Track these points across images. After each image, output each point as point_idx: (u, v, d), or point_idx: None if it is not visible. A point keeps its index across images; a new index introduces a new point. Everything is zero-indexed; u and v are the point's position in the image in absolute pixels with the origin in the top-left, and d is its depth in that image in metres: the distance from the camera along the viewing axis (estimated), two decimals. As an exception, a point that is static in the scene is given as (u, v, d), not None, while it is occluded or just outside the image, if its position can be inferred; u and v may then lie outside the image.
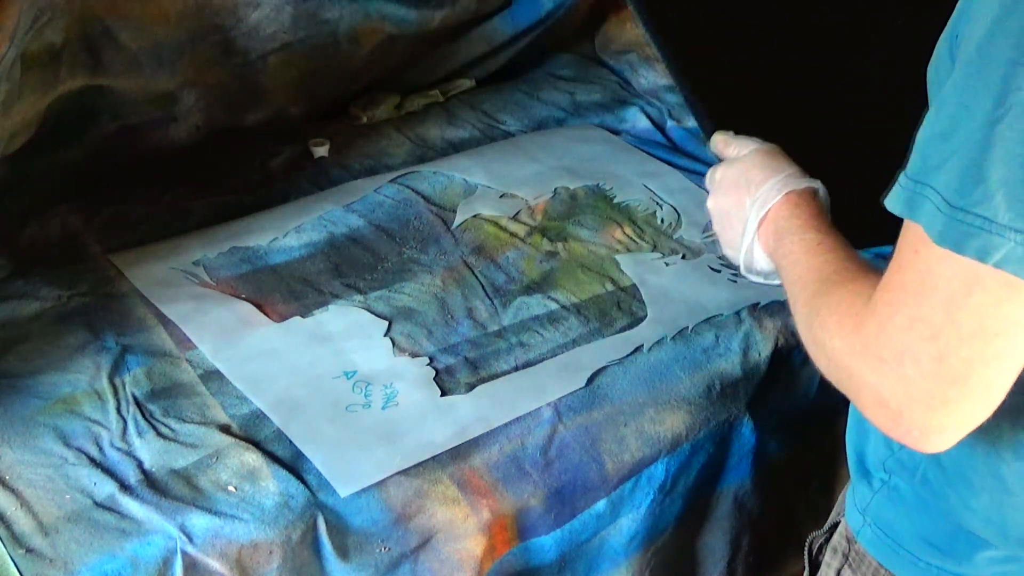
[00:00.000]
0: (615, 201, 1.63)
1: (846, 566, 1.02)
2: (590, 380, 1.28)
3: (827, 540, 1.06)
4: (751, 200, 1.00)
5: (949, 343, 0.71)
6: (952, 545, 0.94)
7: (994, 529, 0.91)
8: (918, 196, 0.71)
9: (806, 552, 1.09)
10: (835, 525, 1.05)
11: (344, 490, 1.11)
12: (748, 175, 1.02)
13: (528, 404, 1.24)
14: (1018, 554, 0.92)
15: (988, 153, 0.68)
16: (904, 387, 0.73)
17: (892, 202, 0.73)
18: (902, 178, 0.73)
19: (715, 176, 1.07)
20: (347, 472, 1.13)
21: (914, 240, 0.72)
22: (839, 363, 0.78)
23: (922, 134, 0.72)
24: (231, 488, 1.09)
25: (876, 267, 0.84)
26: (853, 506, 1.01)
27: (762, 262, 1.00)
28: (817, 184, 0.99)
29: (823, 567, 1.05)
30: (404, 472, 1.14)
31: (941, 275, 0.70)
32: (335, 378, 1.25)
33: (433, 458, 1.16)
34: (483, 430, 1.20)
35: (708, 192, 1.08)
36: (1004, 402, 0.78)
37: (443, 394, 1.25)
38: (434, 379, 1.27)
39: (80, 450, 1.12)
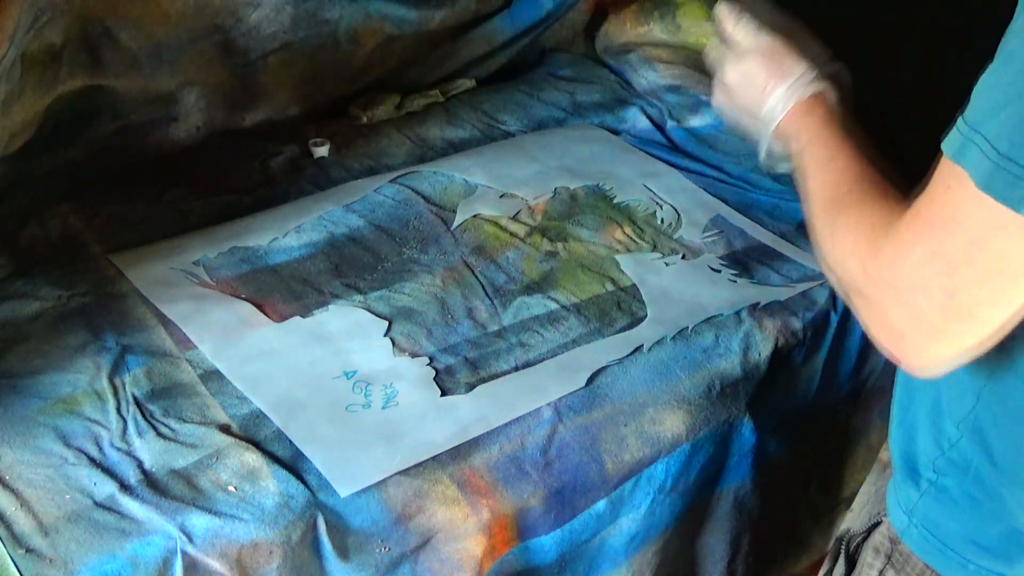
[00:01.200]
0: (615, 201, 1.63)
1: (888, 566, 1.01)
2: (590, 380, 1.28)
3: (865, 539, 1.05)
4: (760, 115, 1.02)
5: (964, 280, 0.74)
6: (1003, 546, 0.93)
7: None
8: (968, 140, 0.73)
9: (844, 550, 1.08)
10: (875, 525, 1.04)
11: (344, 490, 1.11)
12: (754, 79, 1.03)
13: (528, 404, 1.24)
14: None
15: None
16: (912, 315, 0.76)
17: (947, 144, 0.75)
18: (960, 122, 0.74)
19: (723, 77, 1.07)
20: (347, 472, 1.13)
21: (949, 177, 0.74)
22: (850, 283, 0.82)
23: (982, 81, 0.74)
24: (231, 488, 1.09)
25: (887, 183, 0.87)
26: (898, 506, 1.00)
27: (783, 166, 1.03)
28: (823, 86, 0.99)
29: (864, 568, 1.04)
30: (404, 472, 1.14)
31: (970, 215, 0.72)
32: (335, 378, 1.25)
33: (433, 458, 1.16)
34: (483, 430, 1.20)
35: (713, 79, 1.09)
36: None
37: (443, 394, 1.25)
38: (434, 379, 1.27)
39: (80, 450, 1.12)
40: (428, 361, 1.29)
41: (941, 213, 0.75)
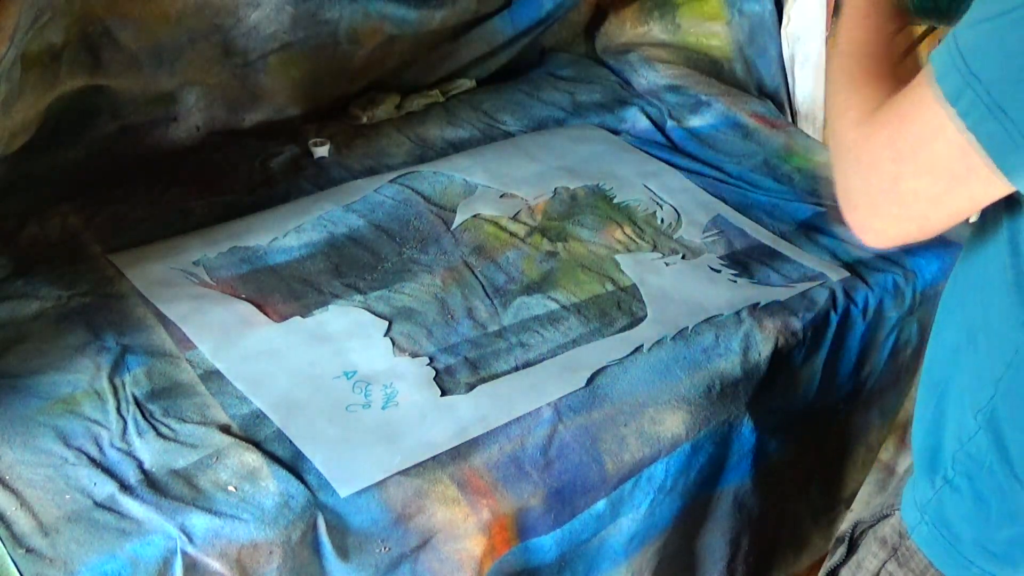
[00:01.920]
0: (615, 201, 1.63)
1: (892, 559, 1.01)
2: (590, 380, 1.28)
3: (871, 527, 1.05)
4: None
5: (906, 171, 0.82)
6: (1009, 552, 0.93)
7: None
8: (945, 45, 0.78)
9: (849, 535, 1.08)
10: (885, 516, 1.04)
11: (344, 490, 1.11)
12: None
13: (528, 404, 1.24)
14: None
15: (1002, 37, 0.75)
16: (865, 190, 0.85)
17: (934, 54, 0.80)
18: (950, 35, 0.79)
19: None
20: (347, 472, 1.13)
21: (925, 78, 0.80)
22: (835, 149, 0.90)
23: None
24: (231, 488, 1.09)
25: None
26: (912, 502, 1.00)
27: None
28: None
29: (868, 556, 1.04)
30: (404, 472, 1.14)
31: (923, 113, 0.79)
32: (335, 378, 1.25)
33: (433, 458, 1.16)
34: (483, 430, 1.20)
35: None
36: None
37: (443, 394, 1.25)
38: (434, 379, 1.27)
39: (80, 450, 1.12)
40: (428, 361, 1.29)
41: (905, 105, 0.82)
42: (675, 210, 1.62)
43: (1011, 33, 0.75)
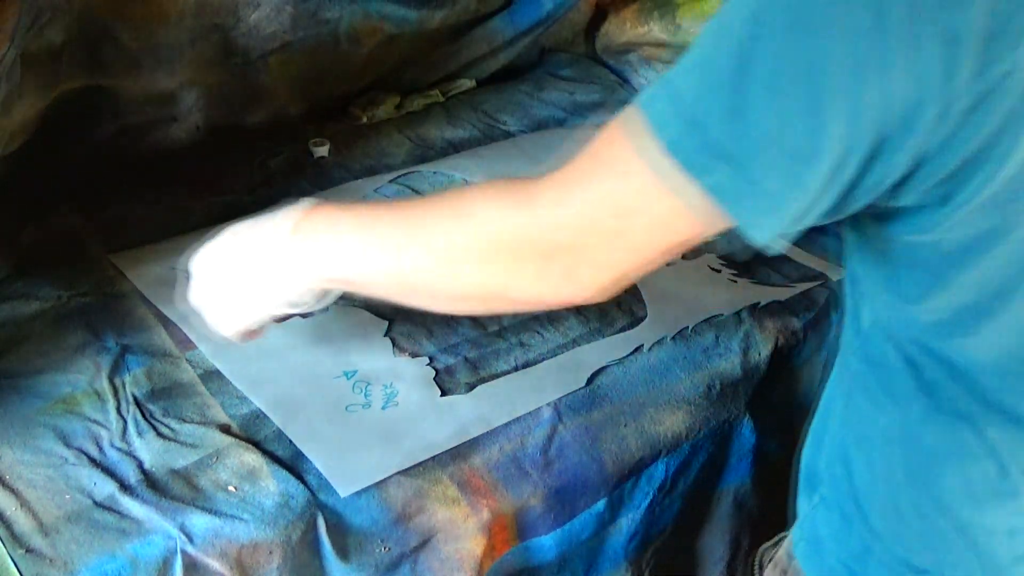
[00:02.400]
0: (615, 201, 1.62)
1: None
2: (590, 380, 1.28)
3: (771, 550, 1.07)
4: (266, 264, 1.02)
5: (633, 225, 0.78)
6: (863, 568, 0.94)
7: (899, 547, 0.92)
8: (661, 92, 0.75)
9: (756, 562, 1.10)
10: (782, 538, 1.05)
11: (344, 490, 1.11)
12: (233, 250, 1.06)
13: (528, 404, 1.24)
14: None
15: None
16: (578, 248, 0.80)
17: (645, 100, 0.77)
18: (662, 81, 0.76)
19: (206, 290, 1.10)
20: (347, 472, 1.13)
21: (636, 126, 0.76)
22: (498, 246, 0.84)
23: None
24: (231, 488, 1.09)
25: None
26: (796, 519, 1.02)
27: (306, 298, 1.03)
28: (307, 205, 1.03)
29: None
30: (404, 472, 1.14)
31: (654, 169, 0.74)
32: (335, 378, 1.25)
33: (433, 458, 1.16)
34: (483, 430, 1.20)
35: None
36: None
37: (443, 394, 1.25)
38: (434, 379, 1.27)
39: (80, 450, 1.12)
40: (428, 361, 1.29)
41: (620, 158, 0.77)
42: (675, 210, 1.61)
43: (739, 69, 0.71)
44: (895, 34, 0.67)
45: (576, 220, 0.80)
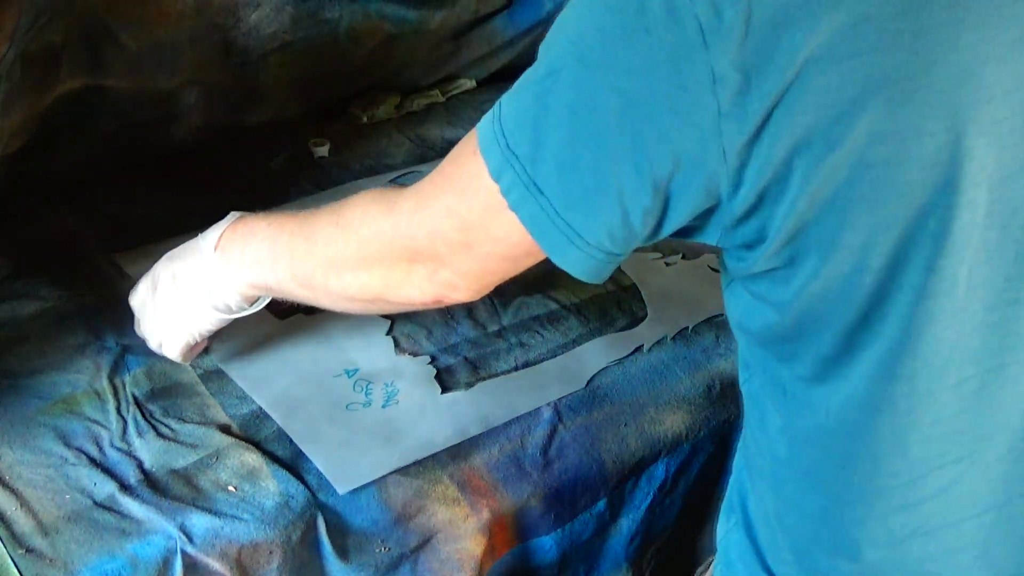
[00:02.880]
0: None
1: None
2: (590, 380, 1.28)
3: (705, 569, 1.09)
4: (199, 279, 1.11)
5: (477, 240, 0.83)
6: None
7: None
8: (491, 119, 0.80)
9: None
10: (711, 562, 1.07)
11: (342, 487, 1.11)
12: (160, 276, 1.16)
13: (528, 404, 1.24)
14: None
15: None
16: (432, 255, 0.87)
17: (481, 124, 0.81)
18: (497, 103, 0.80)
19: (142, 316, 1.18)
20: (346, 471, 1.13)
21: (473, 147, 0.80)
22: (368, 250, 0.91)
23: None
24: (231, 488, 1.09)
25: None
26: (716, 541, 1.04)
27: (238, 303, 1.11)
28: (227, 224, 1.11)
29: None
30: (404, 472, 1.14)
31: (485, 192, 0.79)
32: (336, 376, 1.25)
33: (433, 458, 1.16)
34: (482, 429, 1.20)
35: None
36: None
37: (443, 392, 1.25)
38: (435, 378, 1.27)
39: (80, 450, 1.12)
40: (429, 360, 1.29)
41: (462, 178, 0.82)
42: (675, 210, 1.61)
43: (539, 104, 0.75)
44: (662, 76, 0.70)
45: (426, 230, 0.85)
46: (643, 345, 1.34)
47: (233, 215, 1.11)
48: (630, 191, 0.74)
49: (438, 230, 0.84)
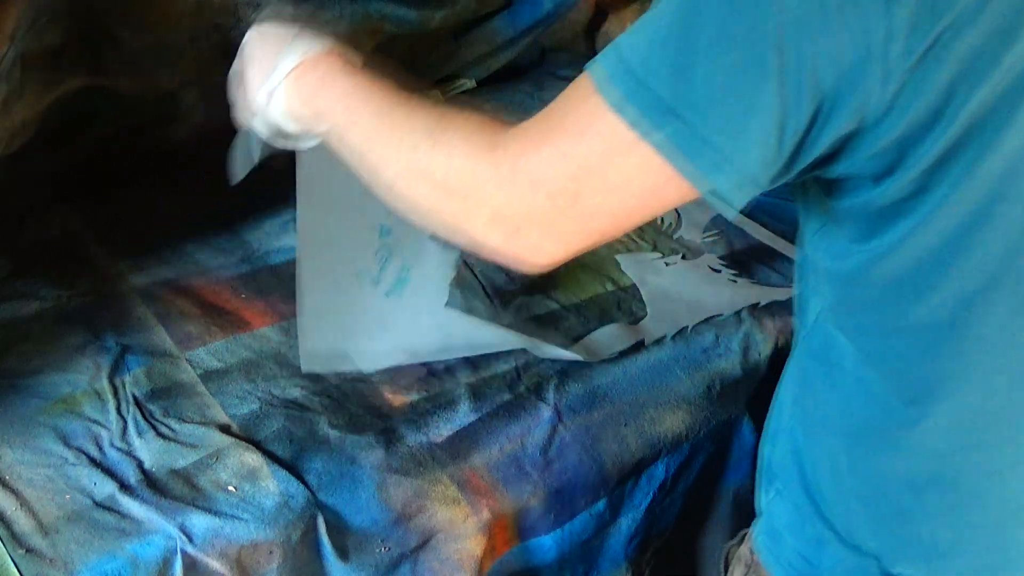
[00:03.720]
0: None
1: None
2: (588, 362, 1.28)
3: (736, 548, 1.08)
4: (266, 82, 1.03)
5: (589, 188, 0.76)
6: (818, 556, 0.95)
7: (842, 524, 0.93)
8: (610, 58, 0.75)
9: (723, 560, 1.10)
10: (746, 535, 1.06)
11: (305, 365, 1.07)
12: (254, 52, 1.07)
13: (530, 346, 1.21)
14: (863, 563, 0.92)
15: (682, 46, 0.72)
16: (529, 211, 0.78)
17: (593, 61, 0.76)
18: (611, 45, 0.76)
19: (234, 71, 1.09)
20: (318, 346, 1.07)
21: (588, 89, 0.75)
22: (455, 181, 0.82)
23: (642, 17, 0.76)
24: (231, 488, 1.09)
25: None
26: (756, 512, 1.03)
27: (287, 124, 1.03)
28: (332, 43, 1.01)
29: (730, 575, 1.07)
30: (404, 472, 1.14)
31: (606, 130, 0.74)
32: (372, 228, 1.15)
33: (433, 458, 1.16)
34: (468, 354, 1.16)
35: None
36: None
37: (448, 304, 1.21)
38: (453, 282, 1.22)
39: (80, 450, 1.12)
40: (472, 275, 1.23)
41: (577, 120, 0.76)
42: (675, 210, 1.62)
43: (682, 29, 0.72)
44: None
45: (530, 178, 0.78)
46: (644, 340, 1.34)
47: (325, 42, 1.02)
48: (786, 111, 0.71)
49: (544, 178, 0.77)
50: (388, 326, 1.14)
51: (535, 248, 0.80)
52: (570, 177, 0.76)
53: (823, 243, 0.88)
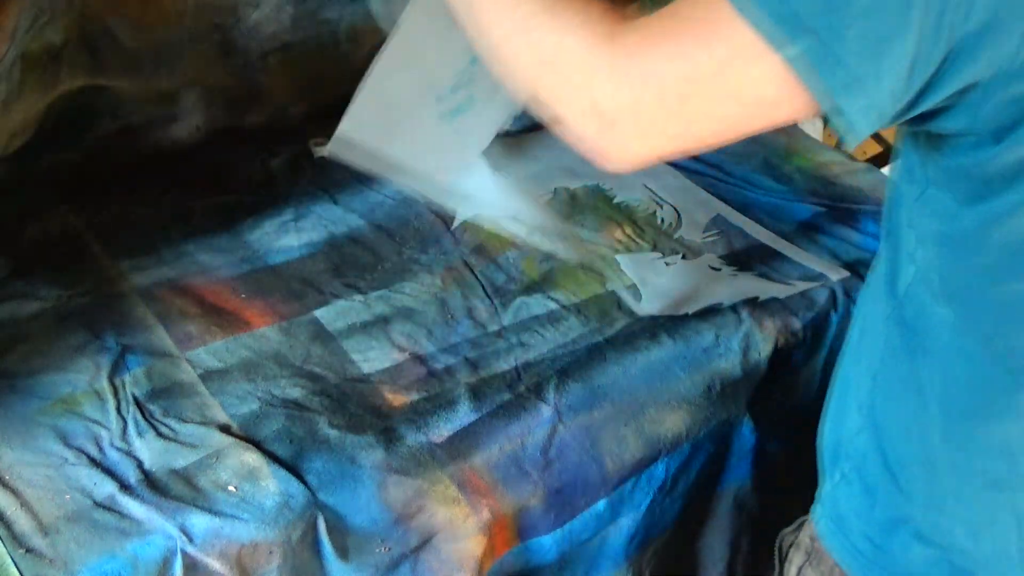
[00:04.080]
0: (615, 201, 1.63)
1: (808, 564, 1.03)
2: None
3: (793, 535, 1.07)
4: None
5: (703, 92, 0.74)
6: (889, 543, 0.95)
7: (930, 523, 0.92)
8: None
9: (776, 548, 1.10)
10: (803, 523, 1.06)
11: (332, 146, 1.06)
12: None
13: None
14: (949, 556, 0.92)
15: None
16: (633, 105, 0.75)
17: None
18: None
19: None
20: (354, 134, 1.06)
21: None
22: (563, 60, 0.79)
23: None
24: (231, 488, 1.09)
25: None
26: (817, 498, 1.03)
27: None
28: None
29: (788, 563, 1.06)
30: (404, 472, 1.14)
31: (735, 37, 0.72)
32: (465, 50, 1.06)
33: (433, 458, 1.16)
34: (484, 211, 1.19)
35: None
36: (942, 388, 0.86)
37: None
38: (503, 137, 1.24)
39: (80, 450, 1.12)
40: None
41: (705, 21, 0.74)
42: (675, 210, 1.62)
43: None
44: None
45: (642, 71, 0.75)
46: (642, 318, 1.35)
47: None
48: (920, 47, 0.70)
49: (658, 74, 0.74)
50: (424, 145, 1.11)
51: (624, 145, 0.78)
52: (685, 78, 0.74)
53: (928, 206, 0.86)
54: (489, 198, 1.17)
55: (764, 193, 1.68)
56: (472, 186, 1.14)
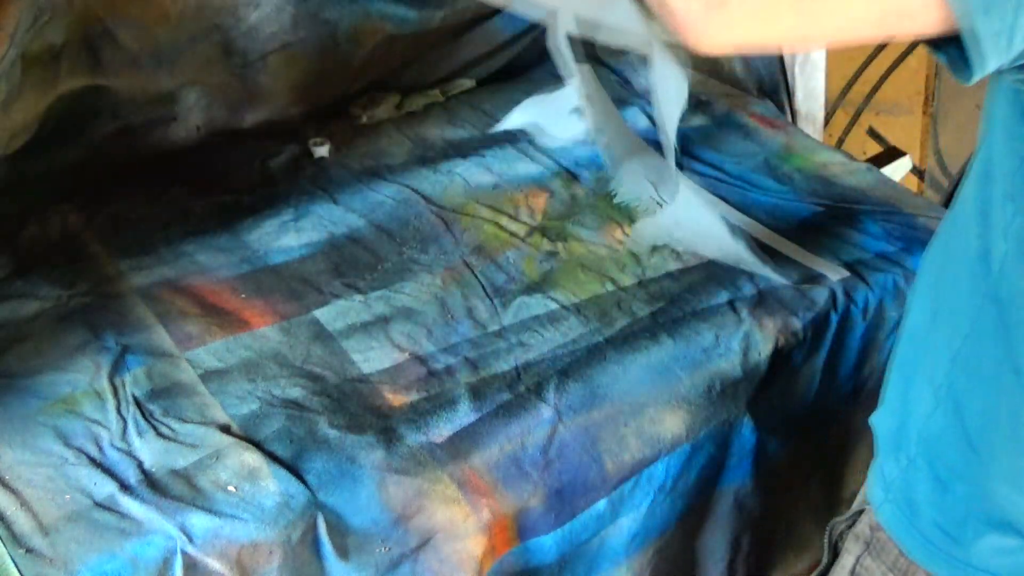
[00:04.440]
0: (615, 201, 1.62)
1: (866, 553, 1.01)
2: None
3: (849, 527, 1.06)
4: None
5: None
6: (962, 530, 0.93)
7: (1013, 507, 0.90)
8: None
9: (827, 538, 1.08)
10: (859, 512, 1.04)
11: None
12: None
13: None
14: None
15: None
16: None
17: None
18: None
19: None
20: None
21: None
22: None
23: None
24: (231, 488, 1.09)
25: None
26: (877, 483, 1.00)
27: None
28: None
29: (843, 554, 1.04)
30: (404, 472, 1.14)
31: None
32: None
33: (433, 457, 1.16)
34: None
35: None
36: None
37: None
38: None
39: (80, 450, 1.12)
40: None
41: None
42: (675, 210, 1.61)
43: None
44: None
45: None
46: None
47: None
48: None
49: None
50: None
51: (726, 28, 0.77)
52: None
53: None
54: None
55: (764, 193, 1.68)
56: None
